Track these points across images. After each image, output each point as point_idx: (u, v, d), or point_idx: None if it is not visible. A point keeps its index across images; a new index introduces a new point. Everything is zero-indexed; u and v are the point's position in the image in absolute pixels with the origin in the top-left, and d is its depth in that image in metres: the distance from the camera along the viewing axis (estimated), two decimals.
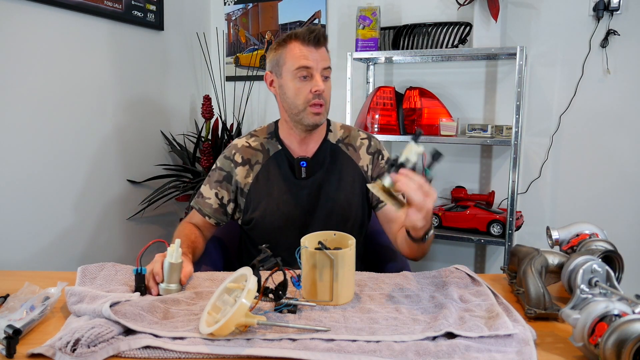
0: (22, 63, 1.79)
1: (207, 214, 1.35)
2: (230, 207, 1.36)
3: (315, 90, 1.22)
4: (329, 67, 1.26)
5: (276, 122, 1.39)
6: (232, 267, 1.00)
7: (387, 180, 0.96)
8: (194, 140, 2.69)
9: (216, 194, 1.34)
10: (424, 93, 2.28)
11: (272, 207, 1.31)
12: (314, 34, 1.22)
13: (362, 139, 1.40)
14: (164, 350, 0.78)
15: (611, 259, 0.99)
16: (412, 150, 0.96)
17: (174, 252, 1.01)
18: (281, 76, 1.26)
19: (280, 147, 1.34)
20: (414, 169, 0.96)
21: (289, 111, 1.28)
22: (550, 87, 2.28)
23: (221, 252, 1.46)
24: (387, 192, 0.97)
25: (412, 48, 2.30)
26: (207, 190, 1.36)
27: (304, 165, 1.31)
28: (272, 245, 0.95)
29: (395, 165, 0.96)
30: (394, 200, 0.97)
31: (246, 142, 1.37)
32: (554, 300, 0.94)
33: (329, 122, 1.40)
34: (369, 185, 0.99)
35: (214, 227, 1.39)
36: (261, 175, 1.33)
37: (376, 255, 1.47)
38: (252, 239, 1.37)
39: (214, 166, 1.38)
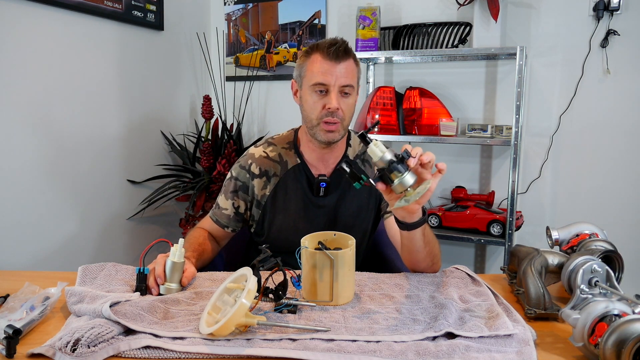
0: (22, 63, 1.79)
1: (225, 225, 1.34)
2: (247, 216, 1.36)
3: (329, 108, 1.17)
4: (350, 85, 1.19)
5: (296, 131, 1.36)
6: (235, 268, 1.00)
7: (410, 179, 0.88)
8: (194, 140, 2.69)
9: (233, 204, 1.33)
10: (424, 93, 2.28)
11: (289, 223, 1.30)
12: (333, 48, 1.17)
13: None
14: (164, 350, 0.78)
15: (611, 259, 0.99)
16: (378, 146, 0.90)
17: (177, 252, 1.01)
18: (301, 87, 1.24)
19: (299, 161, 1.31)
20: (394, 157, 0.89)
21: (306, 124, 1.25)
22: (550, 87, 2.28)
23: (221, 252, 1.46)
24: (406, 192, 0.90)
25: (412, 48, 2.30)
26: (223, 201, 1.34)
27: (324, 185, 1.28)
28: (282, 258, 0.93)
29: (396, 163, 0.89)
30: (414, 192, 0.90)
31: (263, 151, 1.33)
32: (554, 300, 0.94)
33: (349, 136, 1.36)
34: (398, 206, 0.90)
35: (231, 235, 1.38)
36: (279, 189, 1.31)
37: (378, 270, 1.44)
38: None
39: (229, 175, 1.35)
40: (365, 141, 0.92)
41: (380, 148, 0.90)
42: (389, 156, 0.90)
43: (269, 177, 1.31)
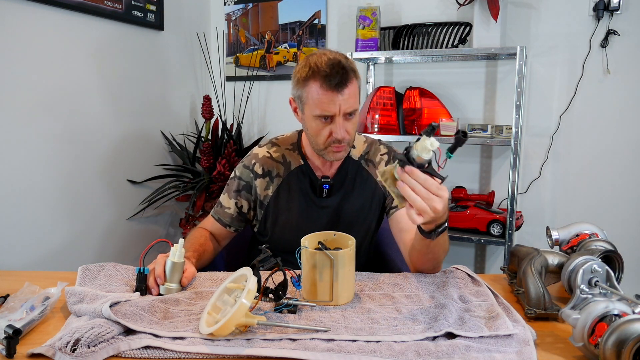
0: (22, 63, 1.79)
1: (227, 224, 1.35)
2: (249, 215, 1.36)
3: (335, 137, 1.15)
4: (355, 110, 1.16)
5: (300, 133, 1.35)
6: (236, 268, 1.00)
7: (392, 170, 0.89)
8: (194, 140, 2.69)
9: (236, 204, 1.33)
10: (424, 93, 2.28)
11: (292, 224, 1.30)
12: (334, 81, 1.10)
13: (381, 154, 1.35)
14: (164, 350, 0.78)
15: (611, 259, 0.99)
16: (425, 146, 0.84)
17: (177, 252, 1.01)
18: (303, 112, 1.20)
19: (302, 163, 1.31)
20: (427, 165, 0.88)
21: (311, 145, 1.24)
22: (550, 87, 2.28)
23: (222, 252, 1.46)
24: (392, 181, 0.91)
25: (412, 48, 2.30)
26: (226, 200, 1.35)
27: (327, 187, 1.28)
28: (286, 258, 0.93)
29: (406, 157, 0.87)
30: (397, 193, 0.91)
31: (267, 152, 1.33)
32: (554, 300, 0.94)
33: None
34: (379, 172, 0.92)
35: (232, 234, 1.38)
36: (282, 189, 1.31)
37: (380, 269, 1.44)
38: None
39: (232, 174, 1.36)
40: (428, 133, 0.85)
41: (424, 146, 0.85)
42: (412, 153, 0.87)
43: (272, 177, 1.31)
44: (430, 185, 0.86)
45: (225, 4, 2.87)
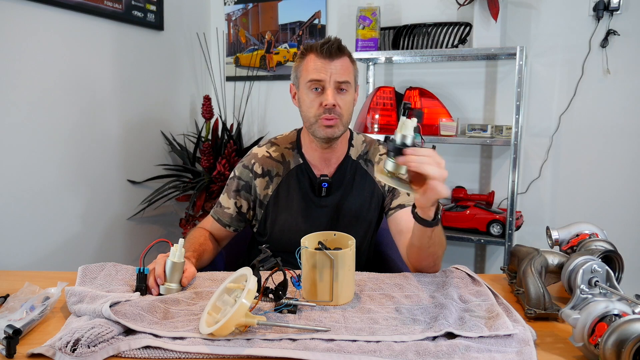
0: (22, 63, 1.79)
1: (227, 224, 1.35)
2: (249, 215, 1.36)
3: (325, 104, 1.18)
4: (346, 81, 1.20)
5: (299, 132, 1.37)
6: (236, 268, 1.00)
7: (389, 165, 0.92)
8: (194, 140, 2.70)
9: (235, 204, 1.34)
10: (424, 93, 2.28)
11: (291, 223, 1.31)
12: (326, 46, 1.19)
13: (380, 154, 1.36)
14: (164, 350, 0.77)
15: (611, 259, 0.99)
16: (407, 125, 0.91)
17: (177, 252, 1.01)
18: (299, 88, 1.25)
19: (301, 161, 1.32)
20: (410, 146, 0.91)
21: (305, 123, 1.26)
22: (550, 87, 2.28)
23: (222, 252, 1.46)
24: (394, 177, 0.93)
25: (412, 48, 2.30)
26: (225, 200, 1.35)
27: (325, 186, 1.29)
28: (285, 258, 0.93)
29: (396, 148, 0.91)
30: (405, 184, 0.93)
31: (266, 151, 1.34)
32: (554, 300, 0.94)
33: (351, 136, 1.36)
34: (377, 175, 0.94)
35: (232, 234, 1.38)
36: (281, 189, 1.31)
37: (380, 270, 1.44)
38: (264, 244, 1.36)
39: (232, 174, 1.36)
40: (405, 113, 0.92)
41: (406, 126, 0.91)
42: (397, 139, 0.91)
43: (272, 177, 1.31)
44: (433, 155, 0.90)
45: (225, 4, 2.87)
